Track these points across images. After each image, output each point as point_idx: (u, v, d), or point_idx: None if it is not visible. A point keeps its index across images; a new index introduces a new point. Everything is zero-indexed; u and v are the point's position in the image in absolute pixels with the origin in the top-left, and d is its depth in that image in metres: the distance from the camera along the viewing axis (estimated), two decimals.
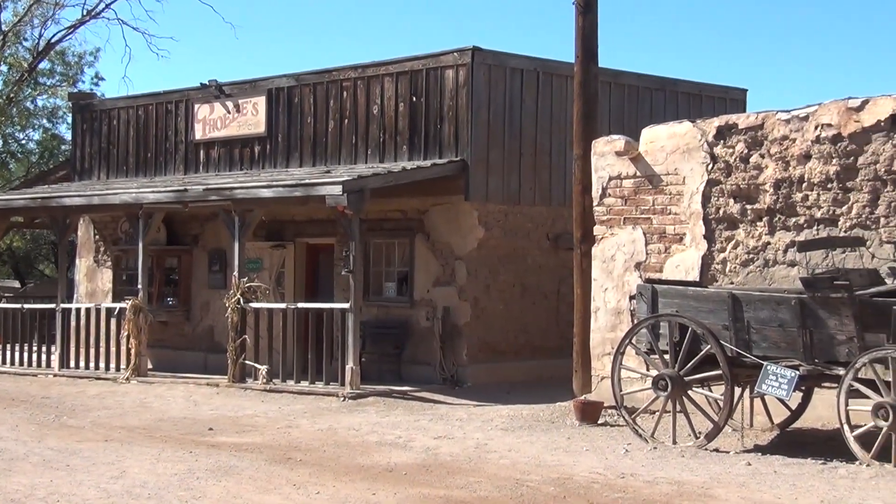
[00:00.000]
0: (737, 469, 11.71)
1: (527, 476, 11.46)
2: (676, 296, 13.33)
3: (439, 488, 10.95)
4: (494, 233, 20.28)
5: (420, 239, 20.51)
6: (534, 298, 20.85)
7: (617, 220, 16.22)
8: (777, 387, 12.22)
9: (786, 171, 14.53)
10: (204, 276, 23.81)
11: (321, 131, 21.91)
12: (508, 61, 20.44)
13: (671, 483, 11.03)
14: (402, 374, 20.24)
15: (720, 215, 15.15)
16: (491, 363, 20.10)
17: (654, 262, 15.79)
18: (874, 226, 13.77)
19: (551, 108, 20.92)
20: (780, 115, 14.65)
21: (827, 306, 11.94)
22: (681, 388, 13.07)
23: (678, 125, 15.83)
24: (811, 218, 14.31)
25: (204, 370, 22.28)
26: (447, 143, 20.03)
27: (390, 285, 21.08)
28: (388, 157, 20.78)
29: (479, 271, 20.12)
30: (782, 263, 14.56)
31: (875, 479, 11.03)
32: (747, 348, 12.60)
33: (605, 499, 10.39)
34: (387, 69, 21.01)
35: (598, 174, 16.45)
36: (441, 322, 20.00)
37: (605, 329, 16.20)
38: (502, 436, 14.18)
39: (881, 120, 13.69)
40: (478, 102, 19.85)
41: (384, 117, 20.94)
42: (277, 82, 22.71)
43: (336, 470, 11.91)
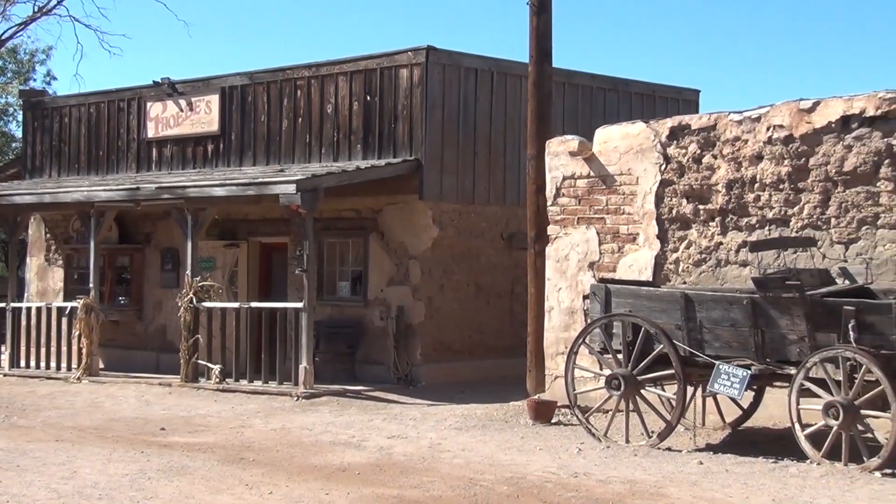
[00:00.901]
0: (689, 468, 11.77)
1: (480, 475, 11.46)
2: (630, 295, 13.38)
3: (393, 488, 10.94)
4: (449, 232, 20.28)
5: (374, 238, 20.48)
6: (488, 298, 20.88)
7: (571, 219, 16.27)
8: (729, 386, 12.29)
9: (738, 172, 14.62)
10: (156, 275, 23.66)
11: (275, 130, 21.83)
12: (463, 61, 20.45)
13: (624, 482, 11.07)
14: (356, 373, 20.20)
15: (673, 215, 15.23)
16: (445, 362, 20.10)
17: (607, 262, 15.85)
18: (825, 226, 13.89)
19: (506, 108, 20.95)
20: (732, 116, 14.75)
21: (778, 306, 12.03)
22: (634, 387, 13.12)
23: (631, 125, 15.90)
24: (763, 218, 14.41)
25: (156, 370, 22.15)
26: (401, 143, 20.02)
27: (344, 285, 21.03)
28: (342, 157, 20.73)
29: (434, 271, 20.12)
30: (734, 263, 14.65)
31: (825, 477, 11.12)
32: (700, 348, 12.67)
33: (558, 498, 10.42)
34: (341, 68, 20.96)
35: (552, 174, 16.49)
36: (395, 321, 19.98)
37: (558, 328, 16.24)
38: (456, 435, 14.18)
39: (832, 121, 13.81)
40: (432, 102, 19.85)
41: (338, 116, 20.89)
42: (231, 81, 22.61)
43: (289, 470, 11.87)
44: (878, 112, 13.44)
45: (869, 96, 13.54)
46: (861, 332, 11.41)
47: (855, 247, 13.65)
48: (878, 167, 13.46)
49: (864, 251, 13.56)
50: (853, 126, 13.66)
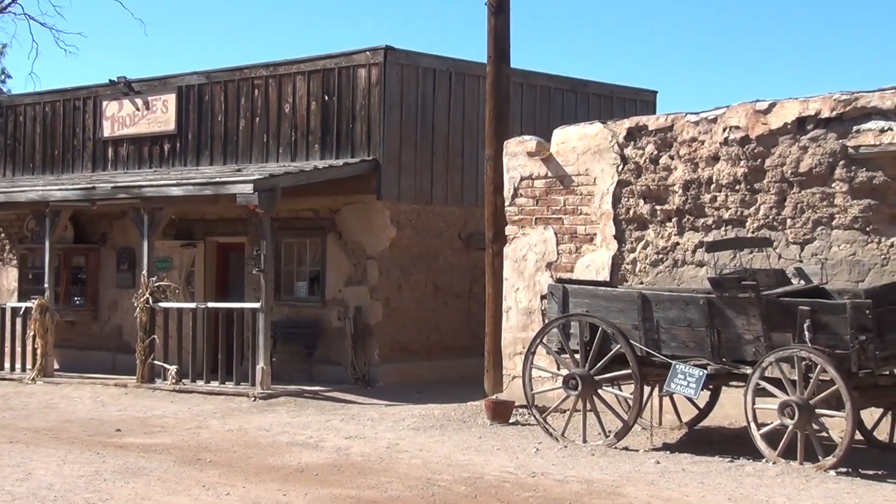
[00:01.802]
0: (646, 467, 11.82)
1: (438, 475, 11.46)
2: (587, 296, 13.41)
3: (350, 488, 10.92)
4: (406, 232, 20.26)
5: (332, 238, 20.44)
6: (446, 298, 20.88)
7: (528, 220, 16.30)
8: (685, 386, 12.35)
9: (695, 173, 14.69)
10: (112, 275, 23.50)
11: (232, 129, 21.74)
12: (421, 61, 20.44)
13: (581, 481, 11.10)
14: (314, 373, 20.15)
15: (630, 216, 15.29)
16: (403, 363, 20.09)
17: (565, 262, 15.89)
18: (781, 227, 13.98)
19: (464, 108, 20.96)
20: (689, 117, 14.82)
21: (734, 306, 12.09)
22: (591, 387, 13.16)
23: (589, 126, 15.94)
24: (719, 219, 14.49)
25: (112, 370, 22.01)
26: (359, 143, 19.99)
27: (302, 285, 20.97)
28: (300, 156, 20.67)
29: (392, 271, 20.10)
30: (691, 264, 14.73)
31: (781, 476, 11.19)
32: (657, 348, 12.72)
33: (516, 498, 10.43)
34: (299, 68, 20.91)
35: (509, 174, 16.51)
36: (353, 322, 19.94)
37: (516, 329, 16.26)
38: (414, 435, 14.17)
39: (788, 122, 13.90)
40: (390, 102, 19.82)
41: (296, 116, 20.83)
42: (188, 80, 22.50)
43: (246, 471, 11.82)
44: (833, 113, 13.54)
45: (824, 98, 13.65)
46: (816, 332, 11.49)
47: (810, 247, 13.76)
48: (833, 168, 13.57)
49: (820, 252, 13.67)
50: (809, 127, 13.76)
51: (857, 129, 13.40)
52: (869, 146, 13.31)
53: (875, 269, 13.28)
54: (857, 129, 13.40)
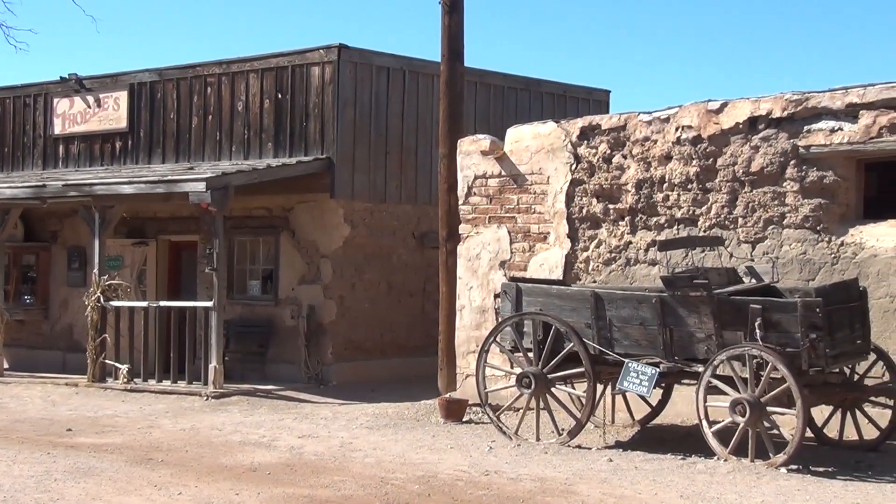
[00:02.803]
0: (599, 465, 11.86)
1: (392, 474, 11.45)
2: (540, 294, 13.44)
3: (303, 488, 10.89)
4: (360, 231, 20.23)
5: (285, 237, 20.37)
6: (399, 297, 20.86)
7: (482, 218, 16.31)
8: (638, 384, 12.40)
9: (647, 172, 14.77)
10: (63, 274, 23.32)
11: (184, 127, 21.63)
12: (375, 59, 20.42)
13: (534, 480, 11.12)
14: (267, 372, 20.08)
15: (583, 215, 15.34)
16: (356, 361, 20.06)
17: (518, 261, 15.92)
18: (732, 226, 14.08)
19: (417, 107, 20.95)
20: (641, 117, 14.89)
21: (686, 305, 12.16)
22: (544, 385, 13.19)
23: (542, 125, 15.98)
24: (672, 218, 14.57)
25: (63, 370, 21.85)
26: (313, 141, 19.94)
27: (255, 283, 20.89)
28: (252, 155, 20.59)
29: (345, 269, 20.06)
30: (644, 262, 14.80)
31: (732, 473, 11.26)
32: (609, 346, 12.76)
33: (469, 496, 10.44)
34: (252, 65, 20.82)
35: (463, 173, 16.52)
36: (306, 320, 19.88)
37: (469, 327, 16.28)
38: (367, 434, 14.15)
39: (739, 122, 14.00)
40: (344, 100, 19.79)
41: (249, 114, 20.75)
42: (140, 77, 22.36)
43: (198, 470, 11.75)
44: (784, 113, 13.66)
45: (776, 98, 13.75)
46: (767, 331, 11.57)
47: (761, 246, 13.86)
48: (784, 168, 13.68)
49: (771, 250, 13.77)
50: (760, 127, 13.87)
51: (807, 129, 13.52)
52: (819, 146, 13.44)
53: (825, 267, 13.40)
54: (807, 129, 13.52)
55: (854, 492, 10.53)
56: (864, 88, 13.18)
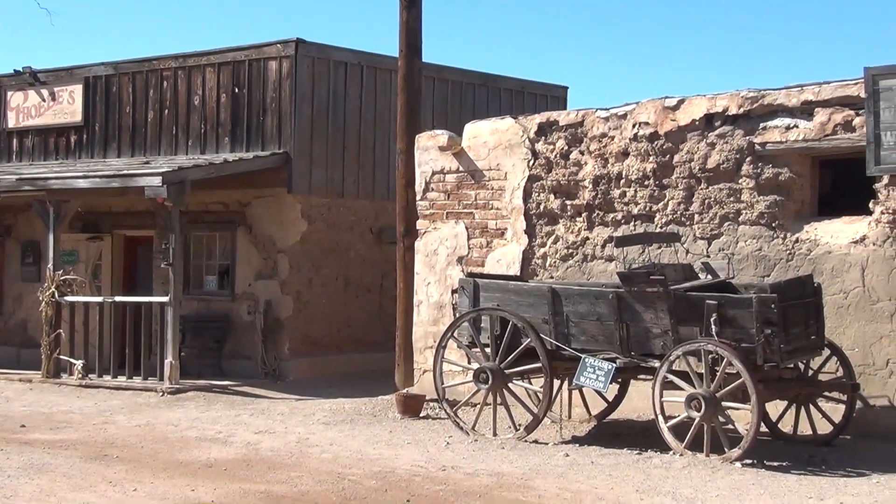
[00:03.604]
0: (555, 460, 11.89)
1: (348, 470, 11.44)
2: (498, 290, 13.46)
3: (260, 483, 10.85)
4: (318, 226, 20.19)
5: (242, 232, 20.30)
6: (357, 292, 20.84)
7: (440, 214, 16.31)
8: (595, 379, 12.44)
9: (604, 168, 14.81)
10: (17, 269, 23.13)
11: (140, 121, 21.51)
12: (332, 54, 20.38)
13: (491, 475, 11.14)
14: (223, 368, 20.00)
15: (541, 210, 15.37)
16: (313, 357, 20.02)
17: (476, 257, 15.93)
18: (688, 222, 14.15)
19: (375, 102, 20.93)
20: (599, 113, 14.93)
21: (643, 300, 12.21)
22: (501, 380, 13.20)
23: (500, 121, 16.00)
24: (628, 214, 14.63)
25: (17, 365, 21.67)
26: (270, 136, 19.88)
27: (211, 279, 20.81)
28: (209, 149, 20.51)
29: (302, 265, 20.01)
30: (601, 258, 14.85)
31: (688, 468, 11.33)
32: (566, 341, 12.80)
33: (426, 491, 10.44)
34: (209, 59, 20.74)
35: (421, 169, 16.51)
36: (263, 316, 19.83)
37: (427, 323, 16.28)
38: (324, 430, 14.13)
39: (696, 119, 14.07)
40: (301, 95, 19.74)
41: (206, 108, 20.66)
42: (95, 70, 22.21)
43: (154, 466, 11.69)
44: (740, 110, 13.74)
45: (732, 95, 13.84)
46: (723, 326, 11.64)
47: (717, 242, 13.94)
48: (740, 164, 13.77)
49: (726, 246, 13.86)
50: (716, 124, 13.95)
51: (763, 126, 13.61)
52: (775, 143, 13.53)
53: (780, 263, 13.50)
54: (763, 126, 13.61)
55: (808, 486, 10.62)
56: (819, 86, 13.28)
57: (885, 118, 12.64)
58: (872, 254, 12.93)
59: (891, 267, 12.80)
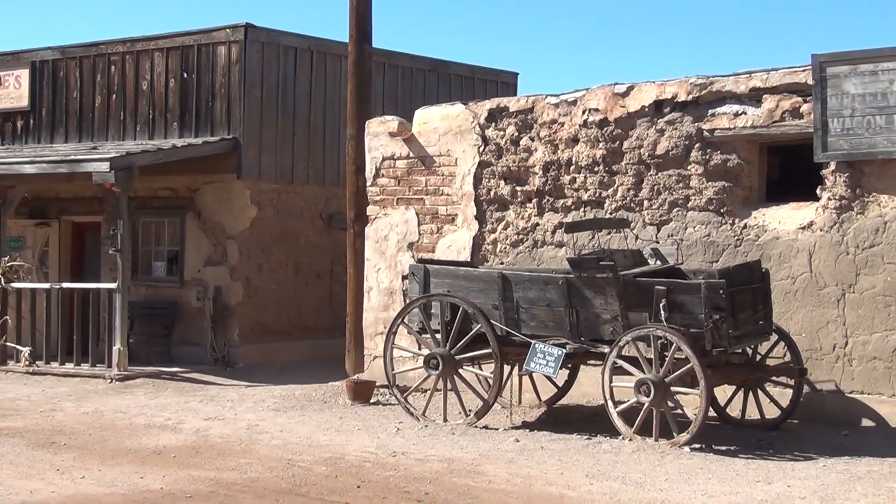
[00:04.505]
0: (505, 445, 11.92)
1: (298, 456, 11.41)
2: (448, 276, 13.46)
3: (209, 470, 10.81)
4: (267, 212, 20.11)
5: (191, 218, 20.18)
6: (307, 278, 20.78)
7: (390, 200, 16.29)
8: (545, 364, 12.48)
9: (554, 154, 14.84)
10: None
11: (88, 106, 21.32)
12: (282, 39, 20.27)
13: (442, 460, 11.15)
14: (172, 355, 19.89)
15: (491, 196, 15.38)
16: (263, 343, 19.95)
17: (426, 243, 15.92)
18: (638, 208, 14.21)
19: (325, 88, 20.85)
20: (549, 100, 14.95)
21: (593, 286, 12.25)
22: (452, 366, 13.21)
23: (451, 107, 15.99)
24: (578, 200, 14.67)
25: None
26: (219, 121, 19.76)
27: (160, 265, 20.68)
28: (158, 134, 20.36)
29: (252, 251, 19.93)
30: (551, 244, 14.89)
31: (637, 452, 11.39)
32: (516, 327, 12.82)
33: (376, 477, 10.44)
34: (157, 44, 20.57)
35: (371, 154, 16.48)
36: (212, 302, 19.73)
37: (377, 309, 16.26)
38: (274, 416, 14.08)
39: (645, 105, 14.12)
40: (251, 80, 19.63)
41: (154, 93, 20.51)
42: (42, 55, 21.97)
43: (102, 454, 11.61)
44: (689, 97, 13.80)
45: (681, 81, 13.90)
46: (672, 312, 11.71)
47: (666, 228, 14.01)
48: (689, 151, 13.83)
49: (675, 232, 13.93)
50: (665, 111, 14.00)
51: (712, 113, 13.68)
52: (724, 129, 13.61)
53: (729, 249, 13.59)
54: (712, 113, 13.68)
55: (756, 470, 10.71)
56: (767, 73, 13.37)
57: (833, 105, 12.76)
58: (819, 239, 13.04)
59: (837, 252, 12.92)
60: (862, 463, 11.00)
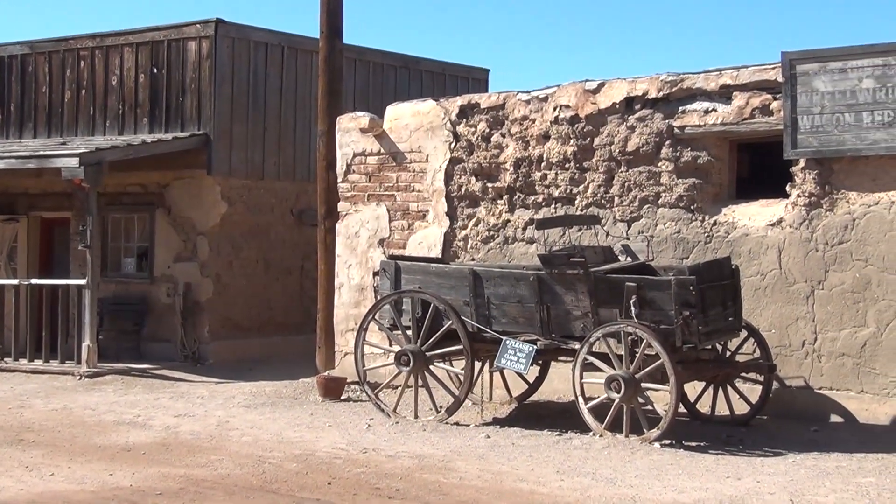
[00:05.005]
0: (476, 442, 11.93)
1: (269, 453, 11.39)
2: (419, 272, 13.46)
3: (179, 467, 10.77)
4: (238, 208, 20.05)
5: (161, 213, 20.11)
6: (277, 274, 20.74)
7: (361, 196, 16.27)
8: (515, 361, 12.49)
9: (525, 151, 14.86)
10: None
11: (57, 102, 21.20)
12: (253, 34, 20.21)
13: (412, 457, 11.15)
14: (142, 351, 19.82)
15: (462, 193, 15.38)
16: (233, 340, 19.89)
17: (397, 239, 15.91)
18: (609, 204, 14.24)
19: (296, 84, 20.81)
20: (520, 96, 14.97)
21: (563, 283, 12.27)
22: (423, 363, 13.21)
23: (422, 103, 15.98)
24: (549, 196, 14.69)
25: None
26: (189, 117, 19.69)
27: (130, 261, 20.59)
28: (127, 130, 20.27)
29: (222, 247, 19.87)
30: (522, 240, 14.90)
31: (607, 448, 11.42)
32: (487, 324, 12.83)
33: (347, 474, 10.42)
34: (127, 39, 20.48)
35: (342, 150, 16.46)
36: (182, 298, 19.67)
37: (348, 305, 16.24)
38: (244, 413, 14.05)
39: (616, 102, 14.15)
40: (221, 76, 19.56)
41: (124, 89, 20.41)
42: (10, 50, 21.82)
43: (71, 451, 11.56)
44: (660, 94, 13.84)
45: (651, 78, 13.93)
46: (642, 308, 11.73)
47: (637, 224, 14.05)
48: (659, 148, 13.87)
49: (646, 229, 13.97)
50: (636, 107, 14.04)
51: (682, 110, 13.72)
52: (694, 126, 13.65)
53: (699, 246, 13.64)
54: (682, 110, 13.72)
55: (725, 465, 10.75)
56: (737, 70, 13.41)
57: (802, 102, 12.82)
58: (789, 236, 13.11)
59: (807, 249, 12.99)
60: (831, 459, 11.06)
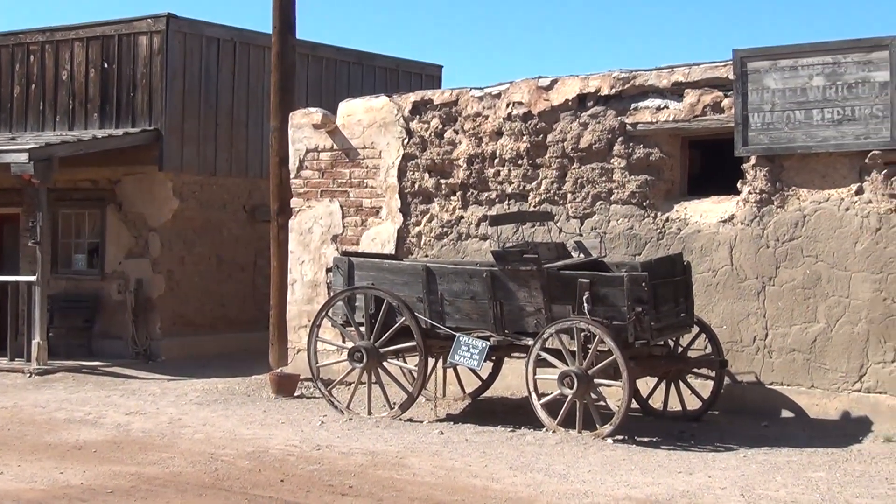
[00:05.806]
0: (430, 438, 11.93)
1: (222, 450, 11.34)
2: (372, 268, 13.44)
3: (131, 465, 10.70)
4: (190, 204, 19.94)
5: (112, 210, 19.97)
6: (230, 271, 20.65)
7: (314, 192, 16.23)
8: (469, 357, 12.50)
9: (479, 147, 14.87)
10: None
11: (6, 97, 20.99)
12: (204, 30, 20.11)
13: (366, 453, 11.14)
14: (93, 348, 19.68)
15: (415, 189, 15.38)
16: (186, 336, 19.80)
17: (351, 235, 15.89)
18: (562, 201, 14.28)
19: (248, 79, 20.73)
20: (473, 93, 14.97)
21: (517, 279, 12.29)
22: (376, 359, 13.20)
23: (375, 99, 15.96)
24: (503, 193, 14.71)
25: None
26: (141, 112, 19.57)
27: (80, 257, 20.44)
28: (78, 125, 20.12)
29: (174, 243, 19.76)
30: (475, 237, 14.92)
31: (560, 444, 11.45)
32: (441, 320, 12.83)
33: (300, 471, 10.40)
34: (77, 34, 20.32)
35: (295, 146, 16.40)
36: (134, 295, 19.55)
37: (301, 302, 16.19)
38: (197, 410, 13.98)
39: (569, 99, 14.19)
40: (173, 71, 19.45)
41: (74, 84, 20.25)
42: None
43: (21, 449, 11.45)
44: (612, 91, 13.89)
45: (604, 75, 13.98)
46: (595, 304, 11.77)
47: (590, 221, 14.10)
48: (612, 144, 13.92)
49: (599, 225, 14.02)
50: (589, 104, 14.08)
51: (635, 107, 13.78)
52: (646, 123, 13.71)
53: (651, 242, 13.70)
54: (635, 107, 13.78)
55: (677, 461, 10.82)
56: (689, 67, 13.48)
57: (753, 100, 12.90)
58: (740, 233, 13.19)
59: (758, 246, 13.08)
60: (781, 453, 11.15)
